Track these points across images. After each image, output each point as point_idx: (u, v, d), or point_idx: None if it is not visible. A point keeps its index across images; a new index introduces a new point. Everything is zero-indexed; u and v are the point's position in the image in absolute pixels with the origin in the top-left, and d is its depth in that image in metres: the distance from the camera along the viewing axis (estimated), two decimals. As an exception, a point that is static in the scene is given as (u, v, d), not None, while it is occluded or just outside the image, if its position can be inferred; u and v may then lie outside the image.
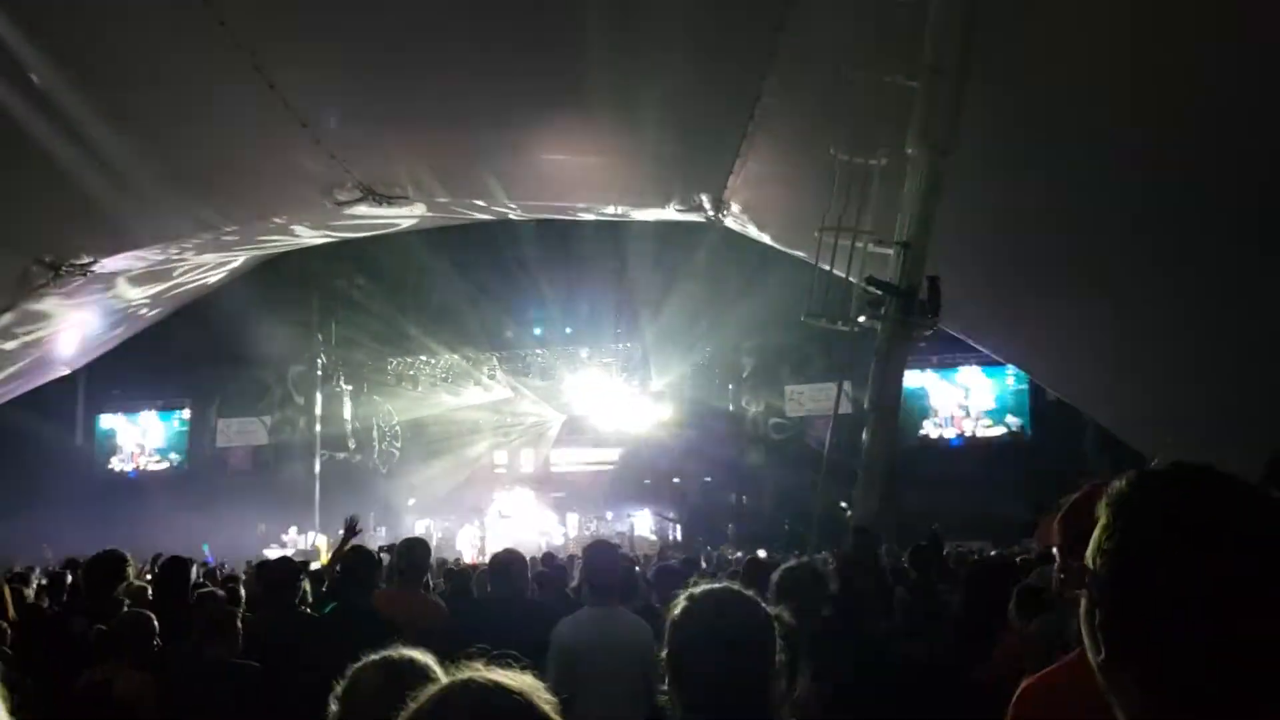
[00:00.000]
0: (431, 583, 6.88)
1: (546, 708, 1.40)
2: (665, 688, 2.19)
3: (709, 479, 31.41)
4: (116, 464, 36.10)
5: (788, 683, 2.25)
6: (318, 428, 31.57)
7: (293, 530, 28.02)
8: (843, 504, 19.03)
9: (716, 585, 2.34)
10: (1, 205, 14.16)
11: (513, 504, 29.40)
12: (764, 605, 2.26)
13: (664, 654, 2.20)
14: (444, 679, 2.04)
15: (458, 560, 15.77)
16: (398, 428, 31.00)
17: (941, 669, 5.31)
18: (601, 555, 4.65)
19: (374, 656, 2.19)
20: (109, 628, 4.47)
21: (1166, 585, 1.27)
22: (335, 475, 30.74)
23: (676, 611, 2.25)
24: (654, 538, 27.32)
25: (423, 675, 2.10)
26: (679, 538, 28.72)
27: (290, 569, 5.61)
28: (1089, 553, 1.39)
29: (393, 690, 2.04)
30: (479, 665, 1.50)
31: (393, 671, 2.13)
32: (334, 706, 2.11)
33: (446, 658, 2.22)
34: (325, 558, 20.01)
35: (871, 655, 4.92)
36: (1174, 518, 1.32)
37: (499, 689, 1.42)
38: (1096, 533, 1.39)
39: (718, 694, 2.12)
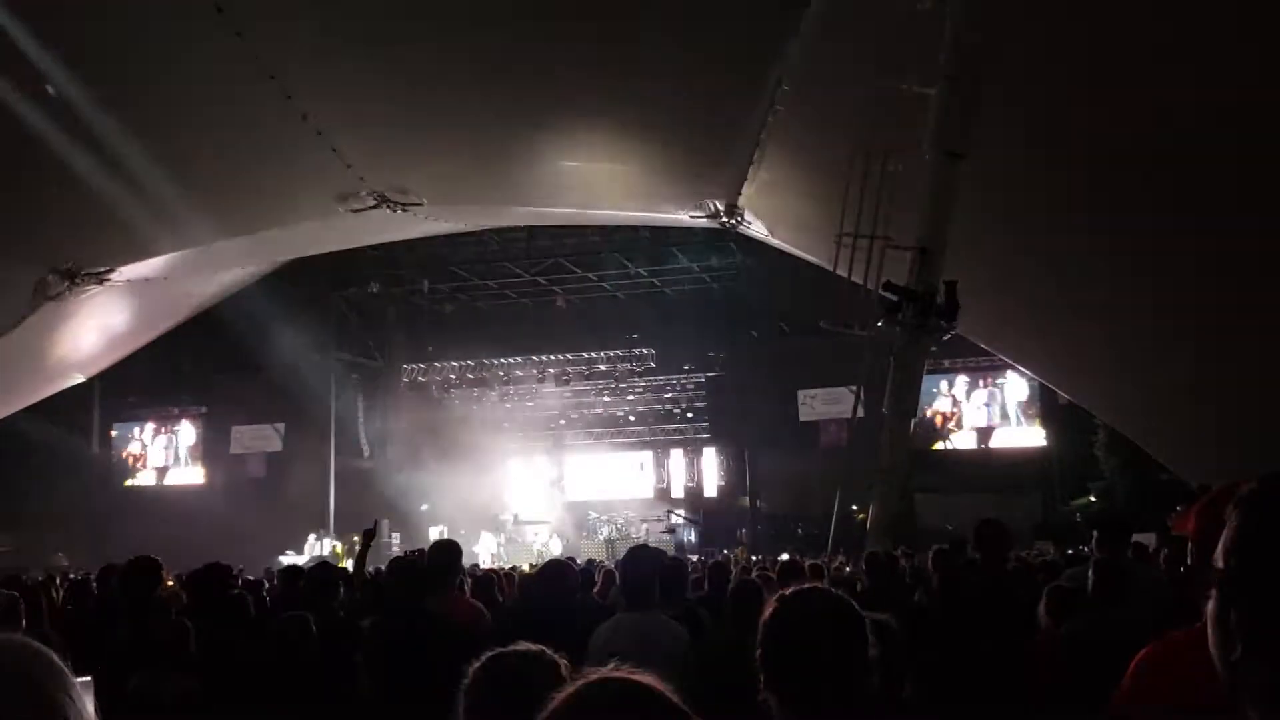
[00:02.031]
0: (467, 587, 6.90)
1: (681, 704, 1.41)
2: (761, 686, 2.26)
3: (723, 482, 31.44)
4: (131, 471, 36.24)
5: (885, 681, 2.34)
6: (332, 434, 31.64)
7: (311, 537, 28.10)
8: (853, 507, 19.10)
9: (806, 586, 2.42)
10: (20, 215, 14.27)
11: (528, 509, 29.43)
12: (852, 603, 2.34)
13: (759, 652, 2.28)
14: (568, 677, 2.09)
15: (475, 566, 15.78)
16: (411, 434, 31.03)
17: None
18: (639, 560, 4.67)
19: (506, 650, 2.22)
20: (153, 633, 4.51)
21: None
22: (349, 482, 30.81)
23: (770, 612, 2.34)
24: (669, 540, 27.34)
25: (554, 669, 2.14)
26: (694, 540, 28.74)
27: (329, 574, 5.65)
28: (1220, 552, 1.40)
29: (521, 684, 2.08)
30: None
31: (523, 666, 2.15)
32: (463, 698, 2.13)
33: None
34: (343, 563, 20.07)
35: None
36: None
37: (636, 686, 1.43)
38: (1228, 532, 1.40)
39: (813, 688, 2.21)
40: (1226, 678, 1.35)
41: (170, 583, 10.26)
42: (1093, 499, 25.89)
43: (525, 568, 15.94)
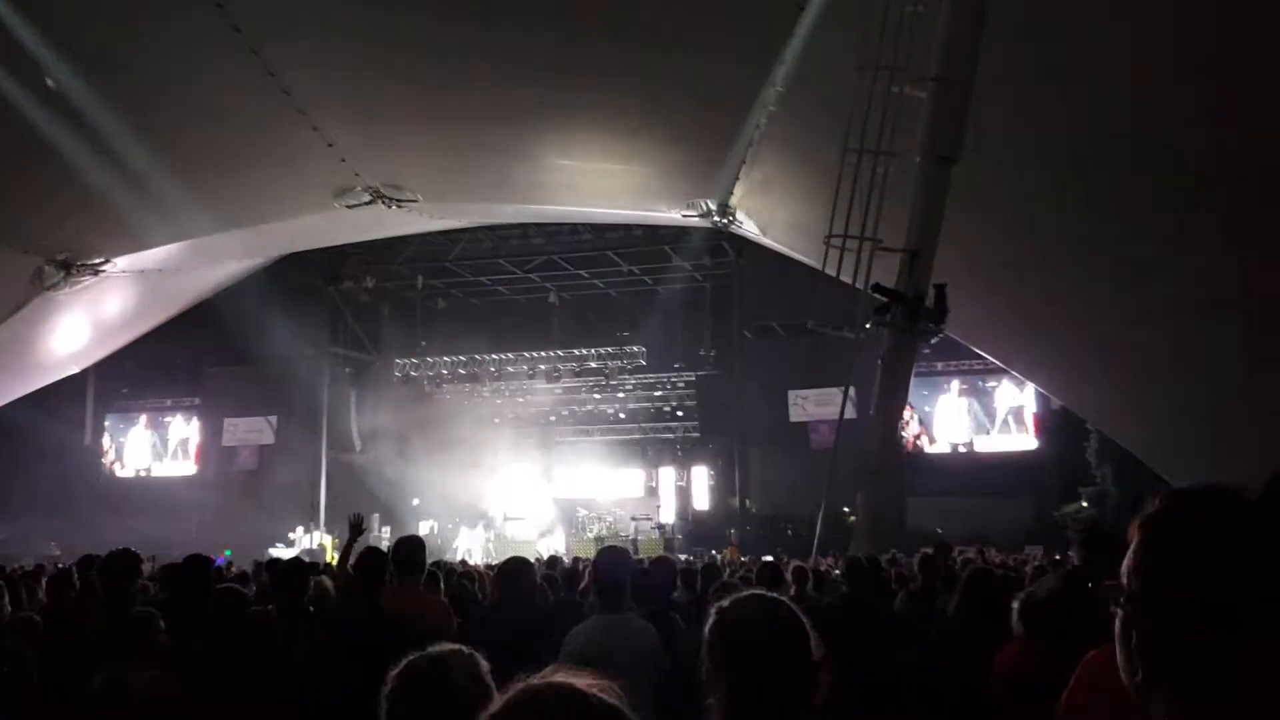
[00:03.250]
0: (443, 585, 6.92)
1: (633, 715, 1.40)
2: (707, 692, 2.25)
3: (713, 482, 31.45)
4: (124, 462, 36.22)
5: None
6: (324, 427, 31.66)
7: (299, 529, 28.15)
8: (845, 509, 19.16)
9: (747, 592, 2.42)
10: (16, 206, 14.29)
11: (518, 505, 29.44)
12: (792, 606, 2.34)
13: (704, 660, 2.28)
14: (486, 678, 2.12)
15: (463, 563, 15.81)
16: (403, 429, 31.04)
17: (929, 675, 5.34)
18: (610, 561, 4.67)
19: (421, 654, 2.24)
20: (121, 625, 4.53)
21: (1194, 607, 1.26)
22: (340, 475, 30.83)
23: (712, 620, 2.34)
24: (657, 538, 27.38)
25: (470, 673, 2.16)
26: (682, 540, 28.76)
27: (300, 568, 5.68)
28: (1123, 570, 1.37)
29: (437, 688, 2.11)
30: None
31: (437, 669, 2.17)
32: (384, 704, 2.15)
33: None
34: (331, 556, 20.10)
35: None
36: (1204, 538, 1.30)
37: (581, 694, 1.38)
38: (1130, 551, 1.37)
39: (759, 694, 2.21)
40: (1134, 697, 1.34)
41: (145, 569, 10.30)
42: (1084, 505, 25.95)
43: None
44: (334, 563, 11.64)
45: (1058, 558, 15.29)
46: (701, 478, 31.83)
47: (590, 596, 5.01)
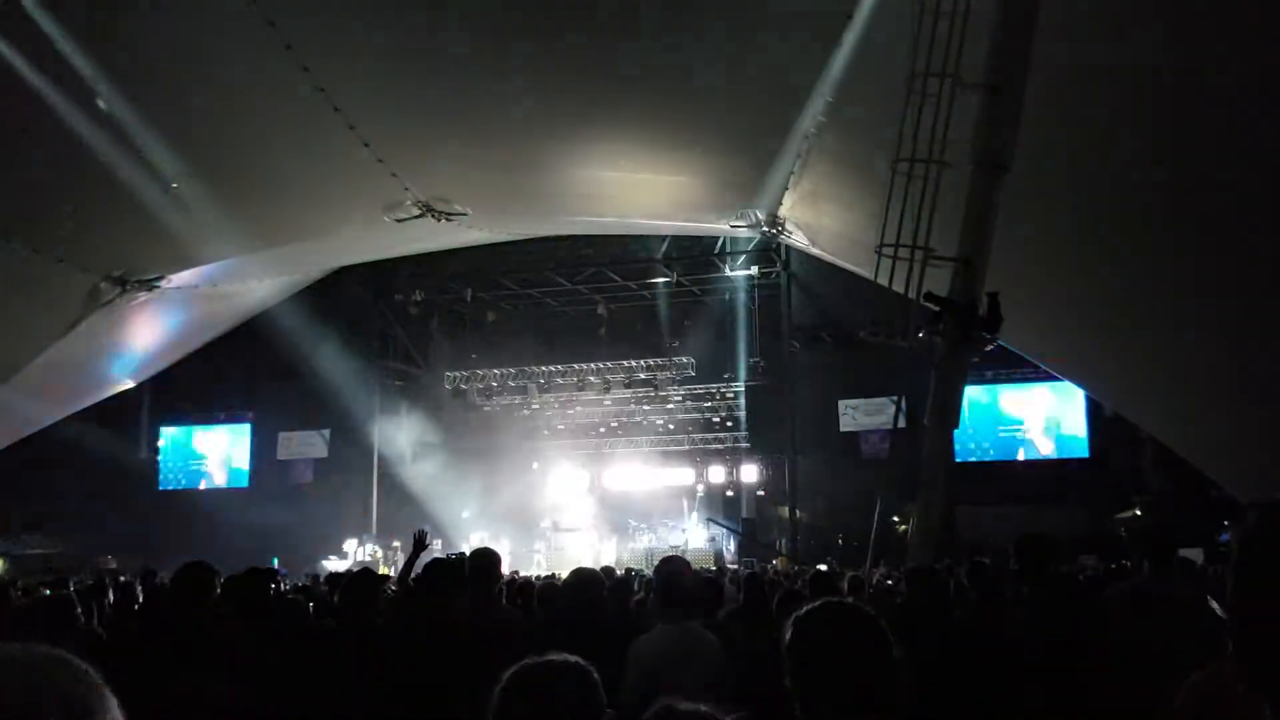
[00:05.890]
0: (504, 594, 6.97)
1: (595, 676, 1.65)
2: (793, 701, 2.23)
3: (763, 492, 31.31)
4: (179, 476, 36.68)
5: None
6: (375, 440, 31.89)
7: (352, 542, 28.37)
8: (895, 519, 19.02)
9: (820, 601, 2.40)
10: (74, 224, 14.54)
11: (569, 516, 29.47)
12: (867, 609, 2.32)
13: (788, 673, 2.26)
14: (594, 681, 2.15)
15: (516, 573, 15.85)
16: (454, 441, 31.19)
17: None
18: (674, 570, 4.68)
19: (525, 663, 2.23)
20: (198, 637, 4.58)
21: None
22: (392, 488, 31.01)
23: (791, 631, 2.31)
24: (708, 549, 27.26)
25: (577, 677, 2.17)
26: (733, 551, 28.65)
27: (371, 579, 5.71)
28: (1226, 586, 1.34)
29: (545, 693, 2.13)
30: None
31: (542, 676, 2.18)
32: (495, 702, 2.15)
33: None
34: (384, 569, 20.26)
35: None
36: None
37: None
38: (1230, 568, 1.34)
39: (846, 701, 2.20)
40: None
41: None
42: (1138, 512, 25.58)
43: (565, 575, 15.92)
44: (389, 575, 11.74)
45: (1113, 566, 15.05)
46: (751, 488, 31.71)
47: (653, 605, 5.02)
